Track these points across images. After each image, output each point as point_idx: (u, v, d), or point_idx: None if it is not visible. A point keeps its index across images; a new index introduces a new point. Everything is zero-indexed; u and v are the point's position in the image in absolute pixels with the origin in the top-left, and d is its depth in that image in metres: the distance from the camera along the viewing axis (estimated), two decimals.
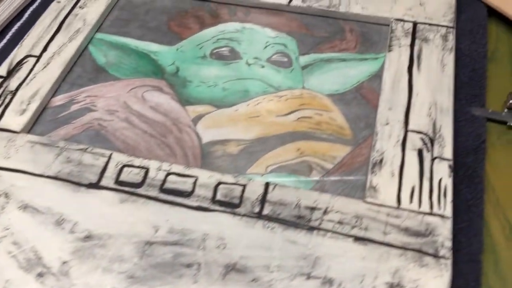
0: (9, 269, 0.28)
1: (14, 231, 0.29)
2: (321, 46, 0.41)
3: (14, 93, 0.36)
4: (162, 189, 0.31)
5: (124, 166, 0.32)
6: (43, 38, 0.40)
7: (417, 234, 0.29)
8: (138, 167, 0.32)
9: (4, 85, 0.37)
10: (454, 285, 0.28)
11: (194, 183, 0.31)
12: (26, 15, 0.45)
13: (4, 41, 0.43)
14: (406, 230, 0.29)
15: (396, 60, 0.38)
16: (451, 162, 0.32)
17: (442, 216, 0.29)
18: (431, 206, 0.30)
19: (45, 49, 0.39)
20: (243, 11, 0.44)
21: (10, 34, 0.43)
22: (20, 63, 0.38)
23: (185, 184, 0.31)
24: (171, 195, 0.31)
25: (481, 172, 0.33)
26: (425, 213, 0.30)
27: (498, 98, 0.38)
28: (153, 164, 0.32)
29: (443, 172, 0.31)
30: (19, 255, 0.28)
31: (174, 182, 0.31)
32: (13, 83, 0.37)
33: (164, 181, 0.31)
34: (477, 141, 0.35)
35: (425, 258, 0.28)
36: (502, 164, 0.34)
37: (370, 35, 0.41)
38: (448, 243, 0.28)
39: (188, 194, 0.31)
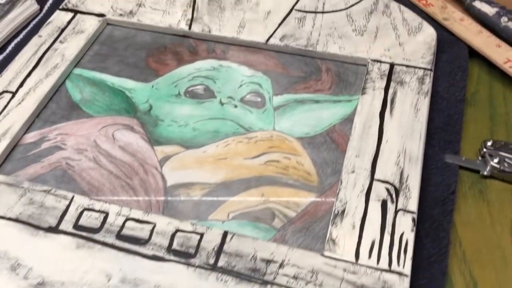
0: None
1: None
2: (296, 86, 0.40)
3: None
4: (119, 236, 0.31)
5: (84, 209, 0.32)
6: (21, 73, 0.41)
7: None
8: (98, 211, 0.32)
9: None
10: None
11: (152, 230, 0.31)
12: (10, 47, 0.46)
13: None
14: None
15: (368, 103, 0.37)
16: (415, 215, 0.31)
17: (400, 274, 0.29)
18: (390, 263, 0.29)
19: (21, 84, 0.40)
20: (222, 48, 0.44)
21: None
22: None
23: (142, 231, 0.31)
24: (127, 242, 0.31)
25: (448, 226, 0.32)
26: (383, 270, 0.29)
27: (474, 145, 0.37)
28: (113, 209, 0.32)
29: (405, 226, 0.31)
30: None
31: (131, 229, 0.31)
32: None
33: (122, 227, 0.31)
34: (446, 191, 0.34)
35: None
36: (471, 215, 0.34)
37: (346, 76, 0.41)
38: None
39: (144, 242, 0.31)
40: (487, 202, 0.34)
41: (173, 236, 0.31)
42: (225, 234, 0.31)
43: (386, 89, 0.38)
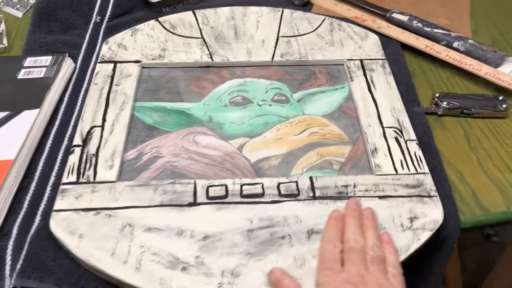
0: (158, 271, 0.38)
1: (149, 246, 0.39)
2: (304, 85, 0.57)
3: (96, 155, 0.46)
4: (243, 195, 0.43)
5: (208, 186, 0.44)
6: (98, 112, 0.51)
7: (414, 186, 0.45)
8: (218, 185, 0.44)
9: (85, 150, 0.47)
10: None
11: (262, 187, 0.44)
12: (66, 99, 0.55)
13: (57, 122, 0.52)
14: (407, 186, 0.45)
15: (358, 86, 0.55)
16: (416, 141, 0.49)
17: (424, 173, 0.46)
18: (416, 169, 0.46)
19: (104, 119, 0.50)
20: (240, 70, 0.58)
21: (60, 115, 0.53)
22: (89, 133, 0.48)
23: (256, 189, 0.44)
24: (250, 198, 0.43)
25: (434, 146, 0.51)
26: (413, 174, 0.46)
27: (426, 99, 0.57)
28: (228, 181, 0.45)
29: (414, 148, 0.48)
30: (161, 260, 0.39)
31: (248, 190, 0.44)
32: (92, 148, 0.47)
33: (241, 190, 0.44)
34: (424, 127, 0.53)
35: (424, 199, 0.44)
36: (441, 138, 0.53)
37: (333, 73, 0.59)
38: (434, 188, 0.45)
39: (261, 195, 0.44)
40: (447, 130, 0.54)
41: (278, 187, 0.44)
42: (311, 178, 0.45)
43: (365, 75, 0.57)
